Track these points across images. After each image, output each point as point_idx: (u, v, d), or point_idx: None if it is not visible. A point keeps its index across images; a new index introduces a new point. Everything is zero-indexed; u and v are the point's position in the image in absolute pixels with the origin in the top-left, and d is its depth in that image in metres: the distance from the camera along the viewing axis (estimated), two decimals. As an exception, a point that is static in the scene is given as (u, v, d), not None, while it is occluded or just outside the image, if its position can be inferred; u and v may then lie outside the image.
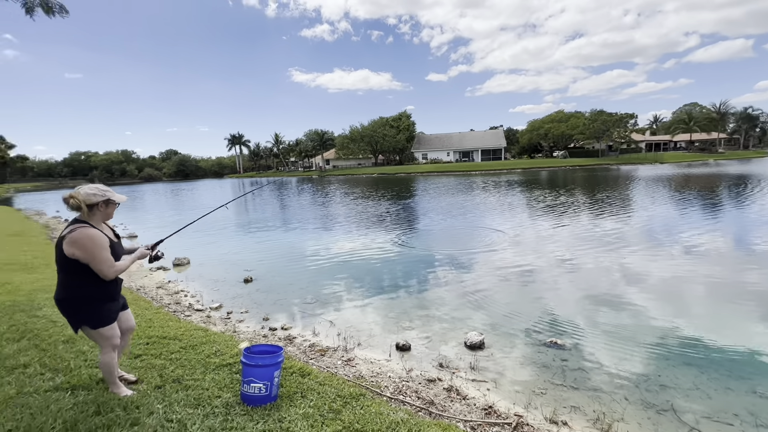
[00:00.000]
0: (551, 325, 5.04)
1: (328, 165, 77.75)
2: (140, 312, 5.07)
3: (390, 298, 6.33)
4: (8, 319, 4.32)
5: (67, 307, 2.54)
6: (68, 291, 2.52)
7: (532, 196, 20.18)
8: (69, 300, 2.52)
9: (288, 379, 3.22)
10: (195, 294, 6.87)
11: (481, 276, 7.28)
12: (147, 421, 2.49)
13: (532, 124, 70.49)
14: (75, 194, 2.48)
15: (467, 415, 3.21)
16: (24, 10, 6.38)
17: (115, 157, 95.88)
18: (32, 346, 3.61)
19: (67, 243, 2.42)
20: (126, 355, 3.51)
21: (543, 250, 8.95)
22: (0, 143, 44.48)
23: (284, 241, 11.82)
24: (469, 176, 43.71)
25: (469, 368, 4.10)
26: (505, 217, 13.95)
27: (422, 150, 69.54)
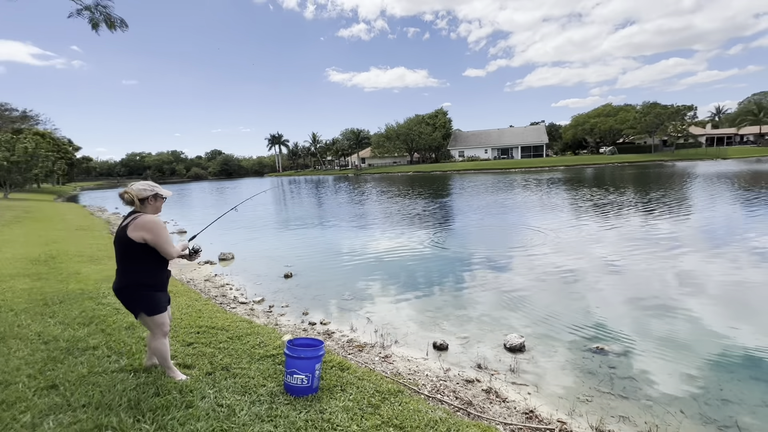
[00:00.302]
0: (597, 331, 4.80)
1: (363, 163, 78.57)
2: (190, 303, 5.40)
3: (426, 296, 6.31)
4: (78, 305, 4.76)
5: (128, 295, 2.75)
6: (129, 278, 2.73)
7: (577, 195, 19.22)
8: (129, 287, 2.73)
9: (328, 372, 3.31)
10: (239, 287, 7.21)
11: (520, 277, 7.07)
12: (200, 404, 2.65)
13: (577, 119, 66.95)
14: (128, 189, 2.73)
15: (507, 418, 3.15)
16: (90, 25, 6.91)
17: (166, 157, 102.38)
18: (99, 331, 3.95)
19: (132, 228, 2.64)
20: (180, 343, 3.76)
21: (588, 252, 8.53)
22: (68, 146, 48.84)
23: (322, 238, 12.10)
24: (508, 174, 42.46)
25: (508, 371, 4.00)
26: (548, 217, 13.42)
27: (459, 147, 68.40)
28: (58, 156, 40.40)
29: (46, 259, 7.66)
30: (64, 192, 46.63)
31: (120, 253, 2.73)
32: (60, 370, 3.09)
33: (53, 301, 4.88)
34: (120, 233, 2.72)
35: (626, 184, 24.06)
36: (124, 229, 2.68)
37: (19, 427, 2.37)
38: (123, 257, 2.72)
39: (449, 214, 15.79)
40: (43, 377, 2.96)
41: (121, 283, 2.74)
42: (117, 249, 2.75)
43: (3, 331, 3.85)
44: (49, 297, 5.03)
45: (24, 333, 3.82)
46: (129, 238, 2.64)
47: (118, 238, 2.73)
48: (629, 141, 63.48)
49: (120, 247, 2.72)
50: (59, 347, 3.50)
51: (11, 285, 5.57)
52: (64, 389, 2.80)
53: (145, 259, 2.70)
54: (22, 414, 2.49)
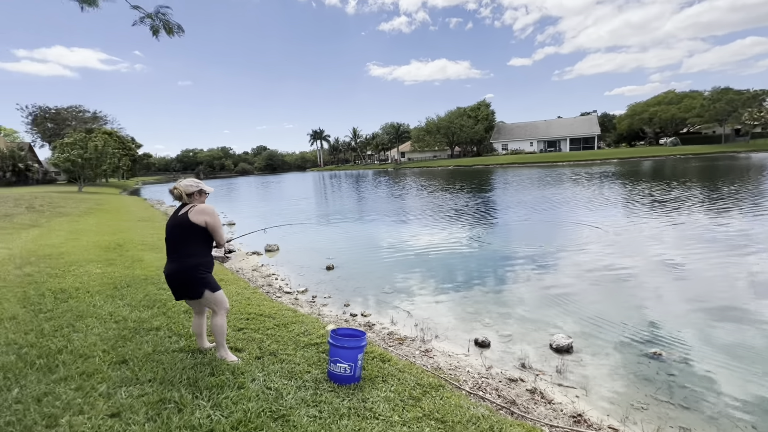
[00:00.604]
0: (654, 336, 4.48)
1: (403, 157, 78.41)
2: (240, 291, 5.71)
3: (467, 293, 6.21)
4: (143, 289, 5.20)
5: (190, 276, 2.93)
6: (190, 260, 2.94)
7: (634, 190, 17.87)
8: (192, 269, 2.93)
9: (370, 363, 3.37)
10: (284, 278, 7.51)
11: (568, 276, 6.75)
12: (251, 386, 2.81)
13: (634, 108, 62.01)
14: (177, 186, 3.05)
15: (553, 420, 3.04)
16: (152, 32, 7.42)
17: (216, 153, 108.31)
18: (161, 313, 4.29)
19: (194, 213, 2.93)
20: (231, 328, 3.99)
21: (646, 251, 7.94)
22: (131, 143, 53.17)
23: (362, 232, 12.27)
24: (555, 167, 40.47)
25: (555, 372, 3.85)
26: (600, 213, 12.66)
27: (502, 140, 66.17)
28: (123, 153, 44.11)
29: (115, 247, 8.42)
30: (128, 186, 50.87)
31: (180, 237, 2.95)
32: (129, 347, 3.40)
33: (121, 285, 5.37)
34: (180, 219, 2.95)
35: (691, 177, 22.05)
36: (185, 215, 2.93)
37: (97, 395, 2.65)
38: (183, 241, 2.94)
39: (492, 209, 15.38)
40: (115, 353, 3.28)
41: (181, 266, 2.93)
42: (175, 234, 2.96)
43: (82, 310, 4.30)
44: (118, 281, 5.54)
45: (98, 312, 4.23)
46: (191, 221, 2.90)
47: (178, 223, 2.95)
48: (694, 131, 58.01)
49: (180, 231, 2.94)
50: (128, 327, 3.85)
51: (87, 269, 6.19)
52: (133, 364, 3.08)
53: (204, 243, 2.98)
54: (99, 384, 2.78)
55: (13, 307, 4.34)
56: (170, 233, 2.99)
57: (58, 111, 53.50)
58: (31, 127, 53.01)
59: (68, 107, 54.49)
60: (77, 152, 30.39)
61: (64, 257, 7.05)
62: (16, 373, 2.91)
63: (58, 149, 31.99)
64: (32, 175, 41.09)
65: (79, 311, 4.25)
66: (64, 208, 16.46)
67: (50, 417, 2.40)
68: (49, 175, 45.11)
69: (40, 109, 52.93)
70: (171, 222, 3.02)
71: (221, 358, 3.16)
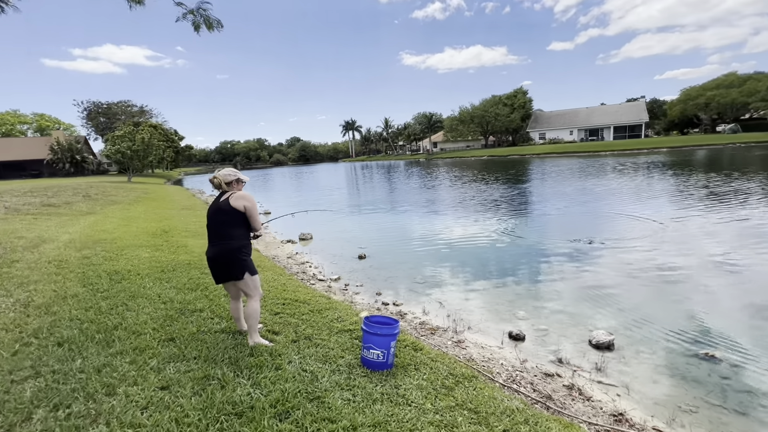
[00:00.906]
0: (705, 336, 4.20)
1: (435, 148, 77.32)
2: (276, 277, 5.90)
3: (500, 286, 6.08)
4: (186, 273, 5.49)
5: (233, 259, 3.07)
6: (232, 243, 3.09)
7: (688, 181, 16.58)
8: (234, 251, 3.08)
9: (402, 351, 3.39)
10: (318, 266, 7.69)
11: (610, 271, 6.43)
12: (287, 367, 2.92)
13: (688, 93, 56.95)
14: (216, 175, 3.22)
15: (592, 418, 2.94)
16: (193, 27, 7.68)
17: (252, 145, 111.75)
18: (203, 296, 4.53)
19: (234, 198, 3.11)
20: (268, 312, 4.15)
21: (699, 247, 7.41)
22: (174, 135, 55.91)
23: (394, 222, 12.29)
24: (597, 157, 38.44)
25: (594, 369, 3.71)
26: (647, 206, 11.93)
27: (539, 129, 63.51)
28: (167, 145, 46.47)
29: (161, 233, 8.94)
30: (172, 176, 53.68)
31: (222, 222, 3.10)
32: (176, 326, 3.61)
33: (168, 268, 5.70)
34: (222, 205, 3.11)
35: (755, 168, 20.20)
36: (227, 201, 3.10)
37: (149, 369, 2.84)
38: (225, 225, 3.10)
39: (528, 200, 14.89)
40: (164, 331, 3.50)
41: (224, 248, 3.08)
42: (218, 219, 3.12)
43: (134, 291, 4.62)
44: (165, 265, 5.88)
45: (148, 293, 4.53)
46: (232, 206, 3.07)
47: (220, 209, 3.11)
48: (758, 117, 52.81)
49: (222, 216, 3.10)
50: (174, 307, 4.09)
51: (138, 253, 6.62)
52: (180, 342, 3.28)
53: (244, 227, 3.15)
54: (150, 359, 2.98)
55: (74, 286, 4.73)
56: (213, 219, 3.14)
57: (109, 106, 57.11)
58: (86, 121, 56.97)
59: (118, 102, 58.03)
60: (126, 144, 32.36)
61: (117, 242, 7.58)
62: (78, 346, 3.18)
63: (110, 142, 34.21)
64: (88, 166, 44.28)
65: (131, 292, 4.57)
66: (115, 197, 17.66)
67: (109, 386, 2.61)
68: (102, 166, 48.46)
69: (94, 104, 56.70)
70: (213, 208, 3.17)
71: (253, 344, 3.21)
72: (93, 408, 2.39)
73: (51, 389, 2.57)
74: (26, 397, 2.49)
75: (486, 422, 2.46)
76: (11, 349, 3.12)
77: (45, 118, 66.53)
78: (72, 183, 23.60)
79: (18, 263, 5.67)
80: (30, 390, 2.57)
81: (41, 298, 4.30)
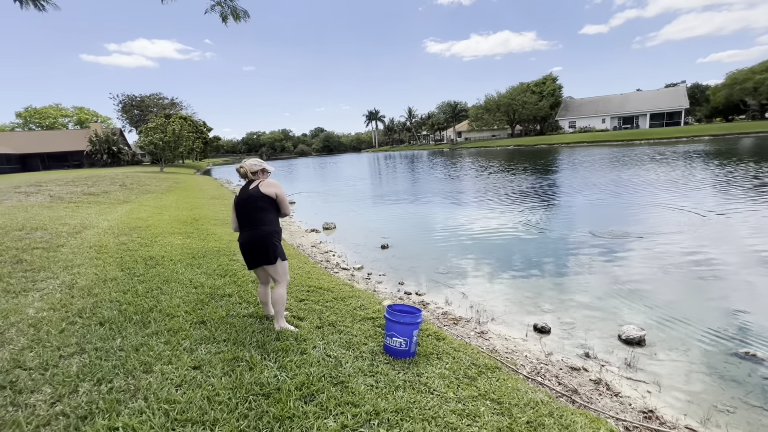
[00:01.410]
0: (746, 335, 3.98)
1: (459, 137, 75.99)
2: (300, 265, 6.02)
3: (526, 278, 5.96)
4: (216, 260, 5.69)
5: (267, 244, 3.14)
6: (266, 229, 3.18)
7: (733, 171, 15.51)
8: (268, 237, 3.16)
9: (424, 340, 3.40)
10: (341, 255, 7.79)
11: (643, 265, 6.18)
12: (312, 352, 2.99)
13: (734, 76, 52.81)
14: (243, 165, 3.31)
15: (620, 414, 2.86)
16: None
17: (277, 135, 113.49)
18: (232, 282, 4.69)
19: (264, 186, 3.22)
20: (294, 298, 4.25)
21: (742, 242, 6.99)
22: (203, 127, 57.53)
23: (417, 212, 12.23)
24: (631, 146, 36.68)
25: (623, 364, 3.60)
26: (686, 198, 11.34)
27: (570, 117, 61.04)
28: (196, 136, 47.89)
29: (191, 221, 9.28)
30: (201, 167, 55.41)
31: (254, 209, 3.18)
32: (206, 310, 3.77)
33: (198, 255, 5.93)
34: (252, 192, 3.20)
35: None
36: (257, 188, 3.20)
37: (182, 349, 2.99)
38: (258, 212, 3.17)
39: (556, 192, 14.44)
40: (195, 314, 3.66)
41: (259, 233, 3.15)
42: (250, 206, 3.19)
43: (167, 275, 4.83)
44: (195, 251, 6.12)
45: (180, 278, 4.73)
46: (263, 193, 3.17)
47: (251, 197, 3.20)
48: (812, 102, 48.70)
49: (253, 203, 3.18)
50: (205, 292, 4.26)
51: (170, 240, 6.92)
52: (210, 325, 3.41)
53: (275, 213, 3.25)
54: (183, 340, 3.13)
55: (113, 270, 5.00)
56: (244, 206, 3.23)
57: (143, 98, 59.29)
58: (121, 113, 59.46)
59: (150, 95, 60.14)
60: (158, 136, 33.60)
61: (151, 229, 7.93)
62: (118, 326, 3.38)
63: (143, 133, 35.64)
64: (123, 157, 46.36)
65: (165, 276, 4.78)
66: (149, 186, 18.44)
67: (146, 364, 2.76)
68: (137, 157, 50.61)
69: (128, 97, 59.02)
70: (244, 196, 3.25)
71: (279, 329, 3.31)
72: (132, 384, 2.54)
73: (94, 365, 2.75)
74: (73, 371, 2.68)
75: (509, 413, 2.45)
76: (59, 327, 3.35)
77: (84, 111, 69.94)
78: (109, 173, 24.80)
79: (63, 248, 6.04)
80: (76, 365, 2.76)
81: (84, 280, 4.57)
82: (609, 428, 2.48)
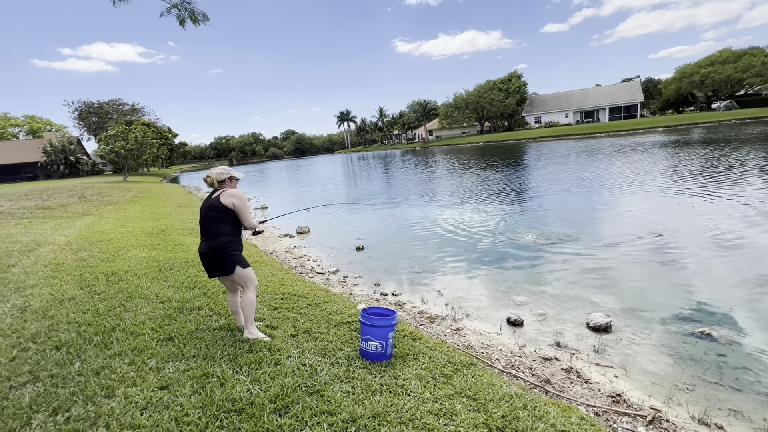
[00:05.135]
0: (701, 314, 4.23)
1: (431, 135, 76.83)
2: (274, 272, 5.90)
3: (499, 272, 6.10)
4: (184, 272, 5.48)
5: (222, 254, 3.09)
6: (222, 239, 3.11)
7: (683, 160, 16.58)
8: (223, 247, 3.09)
9: (401, 341, 3.40)
10: (316, 259, 7.69)
11: (607, 254, 6.45)
12: (286, 362, 2.92)
13: (683, 71, 56.38)
14: (209, 174, 3.24)
15: (590, 400, 2.97)
16: (178, 22, 7.51)
17: (247, 139, 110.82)
18: (201, 294, 4.52)
19: (225, 196, 3.12)
20: (267, 307, 4.15)
21: (695, 225, 7.44)
22: (168, 133, 55.37)
23: (391, 213, 12.26)
24: (593, 139, 38.32)
25: (591, 351, 3.74)
26: (640, 187, 11.93)
27: (535, 113, 63.10)
28: (161, 143, 46.06)
29: (158, 232, 8.90)
30: (167, 174, 53.33)
31: (211, 219, 3.12)
32: (174, 325, 3.61)
33: (165, 267, 5.69)
34: (213, 202, 3.14)
35: (749, 144, 20.15)
36: (217, 198, 3.12)
37: (148, 369, 2.85)
38: (215, 222, 3.12)
39: (523, 187, 14.86)
40: (162, 330, 3.50)
41: (214, 244, 3.10)
42: (208, 217, 3.14)
43: (131, 291, 4.61)
44: (162, 264, 5.87)
45: (146, 293, 4.52)
46: (222, 204, 3.09)
47: (211, 206, 3.14)
48: (753, 92, 52.54)
49: (212, 213, 3.12)
50: (172, 306, 4.09)
51: (134, 254, 6.60)
52: (179, 341, 3.28)
53: (234, 223, 3.15)
54: (149, 359, 2.99)
55: (71, 289, 4.72)
56: (204, 215, 3.16)
57: (101, 105, 56.40)
58: (78, 121, 56.30)
59: (109, 101, 57.30)
60: (120, 144, 32.05)
61: (114, 242, 7.55)
62: (77, 349, 3.18)
63: (103, 141, 33.89)
64: (82, 167, 43.92)
65: (128, 292, 4.56)
66: (111, 197, 17.55)
67: (108, 388, 2.61)
68: (97, 167, 48.06)
69: (85, 104, 55.97)
70: (205, 205, 3.19)
71: (248, 337, 3.24)
72: (92, 411, 2.39)
73: (50, 393, 2.57)
74: (25, 402, 2.50)
75: (485, 409, 2.48)
76: (9, 354, 3.12)
77: (36, 120, 65.77)
78: (67, 184, 23.42)
79: (14, 268, 5.65)
80: (29, 395, 2.58)
81: (38, 302, 4.29)
82: (580, 416, 2.57)
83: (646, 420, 2.71)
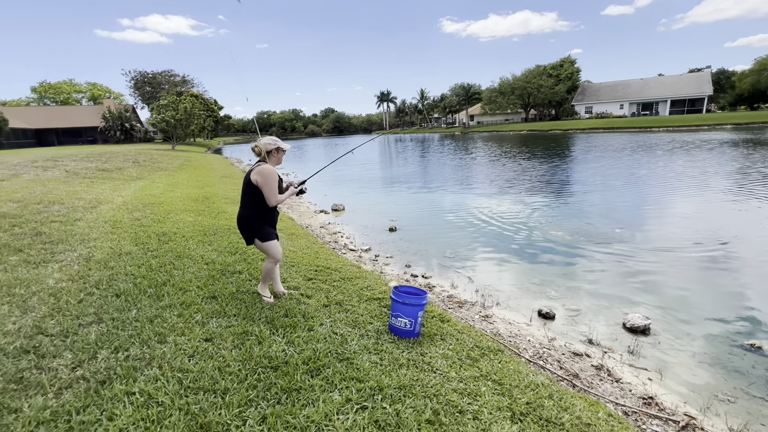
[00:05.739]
0: (753, 327, 3.96)
1: (472, 121, 74.60)
2: (309, 245, 6.10)
3: (532, 264, 5.97)
4: (227, 238, 5.80)
5: (246, 224, 3.34)
6: (249, 210, 3.32)
7: (756, 162, 15.12)
8: (248, 217, 3.32)
9: (429, 321, 3.46)
10: (349, 236, 7.85)
11: (655, 258, 6.11)
12: (319, 329, 3.07)
13: (763, 62, 50.07)
14: (258, 143, 3.34)
15: (620, 399, 2.91)
16: None
17: (288, 115, 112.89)
18: (242, 260, 4.78)
19: (254, 173, 3.25)
20: (302, 277, 4.33)
21: (757, 233, 6.87)
22: (214, 105, 57.39)
23: (426, 196, 12.20)
24: (649, 133, 35.72)
25: (626, 351, 3.63)
26: (704, 189, 11.08)
27: (586, 102, 59.31)
28: (207, 114, 47.88)
29: (203, 199, 9.41)
30: (212, 145, 55.62)
31: (244, 192, 3.34)
32: (217, 285, 3.87)
33: (209, 232, 6.04)
34: (246, 176, 3.33)
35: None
36: (249, 173, 3.29)
37: (194, 322, 3.09)
38: (244, 195, 3.33)
39: (569, 180, 14.23)
40: (207, 289, 3.76)
41: (241, 215, 3.37)
42: (243, 189, 3.36)
43: (179, 251, 4.95)
44: (207, 229, 6.23)
45: (192, 254, 4.85)
46: (250, 179, 3.25)
47: (245, 179, 3.34)
48: None
49: (244, 186, 3.33)
50: (216, 269, 4.37)
51: (182, 217, 7.04)
52: (221, 300, 3.52)
53: (260, 198, 3.28)
54: (195, 314, 3.24)
55: (128, 245, 5.14)
56: (243, 186, 3.35)
57: (154, 75, 59.18)
58: (133, 90, 59.53)
59: (162, 71, 59.97)
60: (170, 113, 33.70)
61: (164, 206, 8.07)
62: (133, 298, 3.50)
63: (155, 111, 35.73)
64: (135, 134, 46.72)
65: (177, 252, 4.91)
66: (161, 164, 18.64)
67: (160, 335, 2.88)
68: (149, 134, 50.96)
69: (140, 73, 58.95)
70: (245, 177, 3.35)
71: (258, 292, 3.61)
72: (147, 353, 2.65)
73: (112, 334, 2.87)
74: (92, 339, 2.81)
75: (509, 394, 2.50)
76: (77, 297, 3.48)
77: (97, 87, 70.24)
78: (122, 150, 25.09)
79: (79, 222, 6.21)
80: (94, 333, 2.89)
81: (100, 253, 4.72)
82: (607, 412, 2.53)
83: (679, 426, 2.63)
